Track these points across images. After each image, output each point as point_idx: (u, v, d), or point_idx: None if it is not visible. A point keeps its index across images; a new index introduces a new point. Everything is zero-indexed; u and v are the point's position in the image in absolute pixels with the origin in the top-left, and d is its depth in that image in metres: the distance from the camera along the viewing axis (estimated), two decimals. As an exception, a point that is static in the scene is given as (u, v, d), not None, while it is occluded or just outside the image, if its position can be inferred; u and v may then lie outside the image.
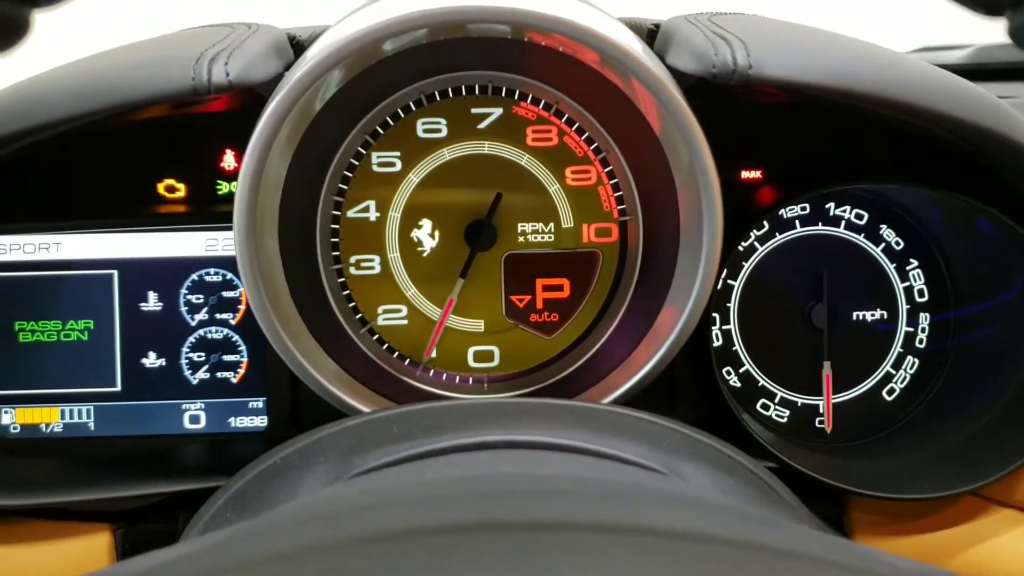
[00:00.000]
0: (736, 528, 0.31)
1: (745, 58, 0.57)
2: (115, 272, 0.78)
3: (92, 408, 0.78)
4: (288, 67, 0.67)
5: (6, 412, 0.78)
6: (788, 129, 0.78)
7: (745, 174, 0.79)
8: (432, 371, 0.80)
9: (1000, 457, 0.69)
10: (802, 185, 0.76)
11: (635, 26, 0.72)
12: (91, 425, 0.78)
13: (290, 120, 0.66)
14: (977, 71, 1.04)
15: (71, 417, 0.78)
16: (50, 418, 0.78)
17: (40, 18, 0.30)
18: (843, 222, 0.80)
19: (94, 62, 0.65)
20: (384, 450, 0.50)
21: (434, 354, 0.80)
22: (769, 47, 0.58)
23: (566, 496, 0.34)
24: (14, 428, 0.78)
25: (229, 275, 0.77)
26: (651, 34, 0.70)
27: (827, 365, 0.80)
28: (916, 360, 0.81)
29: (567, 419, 0.51)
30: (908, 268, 0.81)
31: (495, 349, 0.81)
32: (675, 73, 0.62)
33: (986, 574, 0.69)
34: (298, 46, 0.72)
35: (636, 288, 0.79)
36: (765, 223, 0.80)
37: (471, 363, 0.81)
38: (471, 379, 0.81)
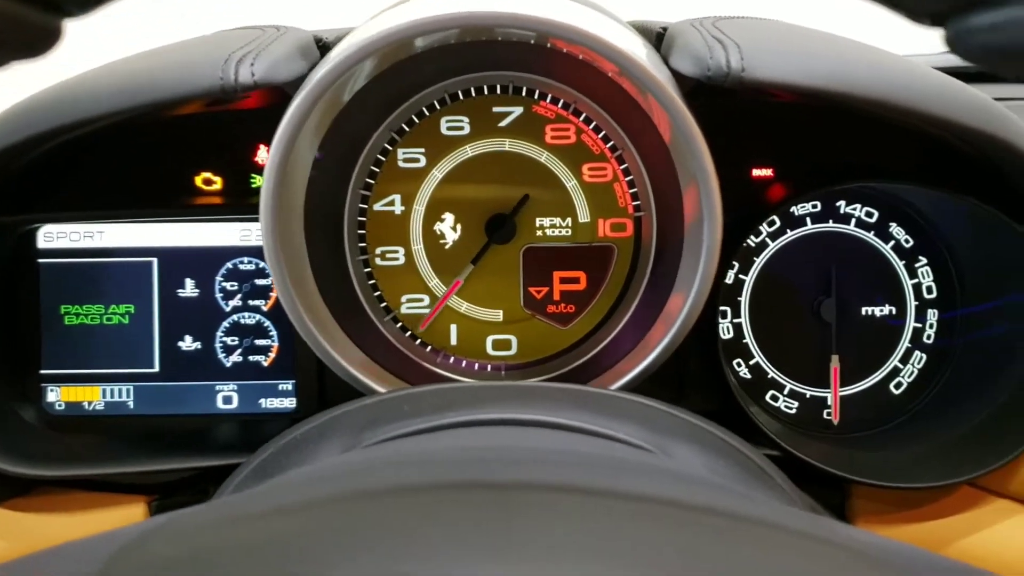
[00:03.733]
0: (691, 493, 0.34)
1: (739, 61, 0.59)
2: (155, 260, 0.82)
3: (132, 388, 0.83)
4: (313, 67, 0.71)
5: (52, 390, 0.83)
6: (800, 129, 0.80)
7: (756, 172, 0.81)
8: (452, 358, 0.84)
9: (997, 449, 0.70)
10: (812, 183, 0.79)
11: (644, 30, 0.75)
12: (130, 404, 0.83)
13: (316, 117, 0.70)
14: (982, 72, 1.05)
15: (112, 396, 0.83)
16: (92, 396, 0.83)
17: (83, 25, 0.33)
18: (853, 220, 0.83)
19: (133, 62, 0.70)
20: (394, 426, 0.53)
21: (454, 342, 0.84)
22: (764, 51, 0.60)
23: (539, 463, 0.37)
24: (59, 405, 0.83)
25: (261, 264, 0.82)
26: (659, 37, 0.73)
27: (835, 358, 0.82)
28: (924, 355, 0.83)
29: (566, 401, 0.55)
30: (917, 265, 0.83)
31: (513, 338, 0.84)
32: (678, 76, 0.64)
33: (981, 562, 0.71)
34: (324, 47, 0.75)
35: (649, 281, 0.82)
36: (777, 220, 0.82)
37: (490, 351, 0.84)
38: (489, 366, 0.84)
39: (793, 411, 0.84)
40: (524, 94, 0.82)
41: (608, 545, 0.27)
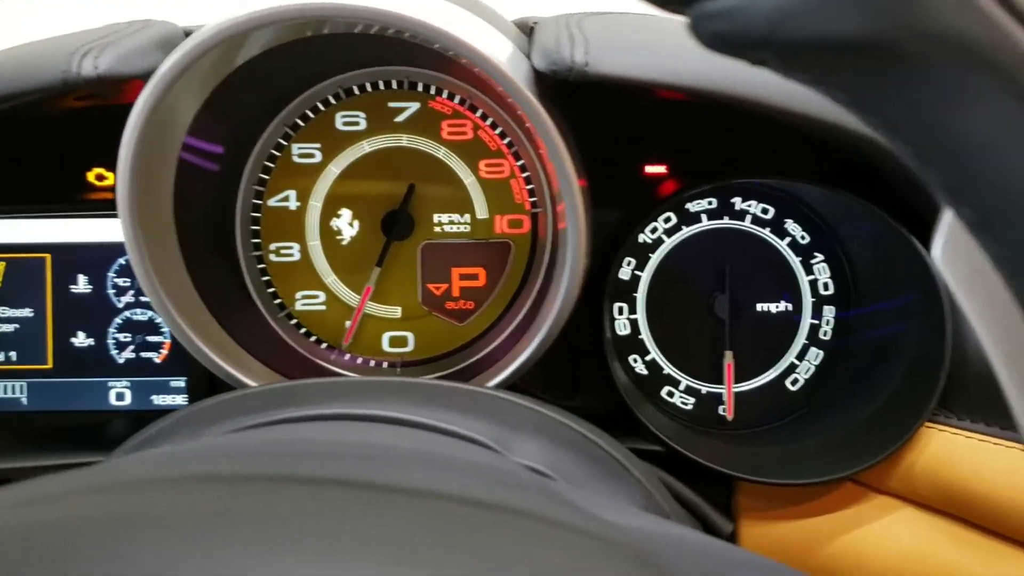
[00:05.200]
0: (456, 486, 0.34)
1: (583, 56, 0.59)
2: (48, 256, 0.82)
3: (25, 384, 0.82)
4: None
5: (-55, 387, 0.82)
6: (694, 126, 0.80)
7: (649, 168, 0.81)
8: (348, 355, 0.84)
9: (875, 446, 0.70)
10: (704, 179, 0.79)
11: (524, 26, 0.74)
12: (24, 400, 0.82)
13: (182, 109, 0.68)
14: None
15: (5, 392, 0.82)
16: (-14, 393, 0.82)
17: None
18: (749, 216, 0.83)
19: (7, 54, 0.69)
20: (236, 421, 0.53)
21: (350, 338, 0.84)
22: (611, 46, 0.60)
23: (327, 457, 0.37)
24: (-48, 402, 0.82)
25: (152, 260, 0.81)
26: (532, 33, 0.72)
27: (728, 355, 0.82)
28: (821, 352, 0.83)
29: (413, 396, 0.54)
30: (813, 262, 0.83)
31: (410, 335, 0.84)
32: (540, 72, 0.64)
33: (861, 558, 0.71)
34: (192, 40, 0.75)
35: (544, 277, 0.82)
36: (673, 216, 0.82)
37: (386, 348, 0.84)
38: (385, 363, 0.84)
39: (690, 407, 0.84)
40: (420, 89, 0.82)
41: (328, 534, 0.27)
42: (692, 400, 0.84)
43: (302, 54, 0.77)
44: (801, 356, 0.83)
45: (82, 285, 0.82)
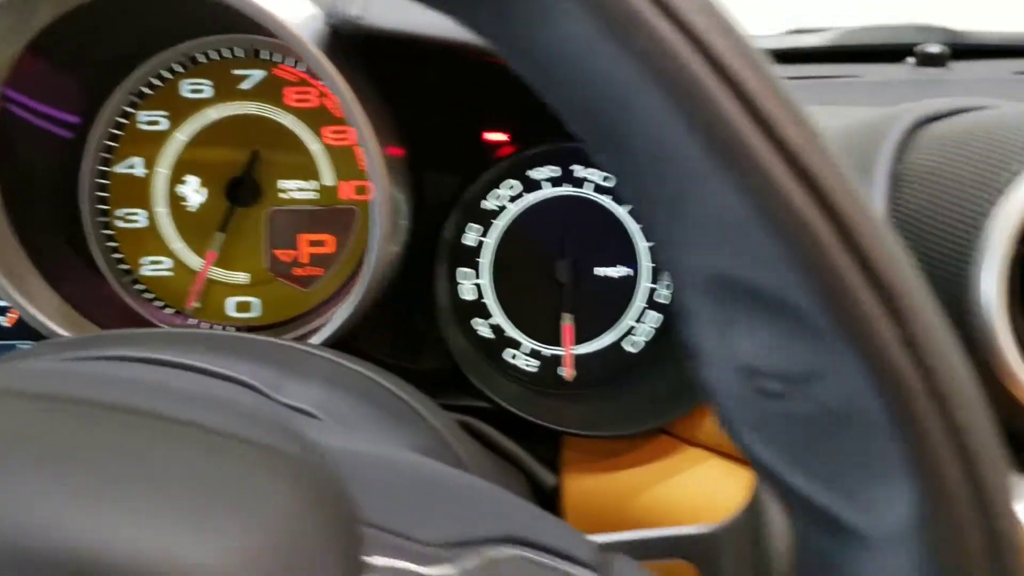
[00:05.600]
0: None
1: (358, 9, 0.61)
2: None
3: None
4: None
5: None
6: (533, 93, 0.82)
7: (489, 136, 0.83)
8: (192, 320, 0.85)
9: (685, 401, 0.73)
10: (538, 144, 0.81)
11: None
12: None
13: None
14: (828, 53, 1.07)
15: None
16: None
17: None
18: (592, 185, 0.85)
19: None
20: (41, 359, 0.55)
21: (197, 304, 0.85)
22: (393, 2, 0.62)
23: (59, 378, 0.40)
24: None
25: None
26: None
27: (568, 317, 0.84)
28: (660, 315, 0.85)
29: (203, 344, 0.56)
30: (651, 228, 0.85)
31: (255, 300, 0.86)
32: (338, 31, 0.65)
33: (674, 506, 0.73)
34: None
35: (387, 242, 0.84)
36: (516, 184, 0.84)
37: (231, 313, 0.85)
38: (234, 329, 0.85)
39: (535, 369, 0.86)
40: (265, 57, 0.83)
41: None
42: (537, 362, 0.86)
43: (137, 17, 0.78)
44: (639, 319, 0.86)
45: (-72, 251, 0.83)
